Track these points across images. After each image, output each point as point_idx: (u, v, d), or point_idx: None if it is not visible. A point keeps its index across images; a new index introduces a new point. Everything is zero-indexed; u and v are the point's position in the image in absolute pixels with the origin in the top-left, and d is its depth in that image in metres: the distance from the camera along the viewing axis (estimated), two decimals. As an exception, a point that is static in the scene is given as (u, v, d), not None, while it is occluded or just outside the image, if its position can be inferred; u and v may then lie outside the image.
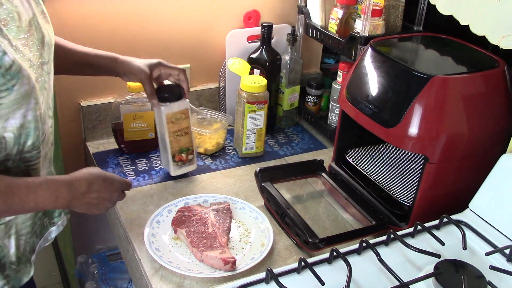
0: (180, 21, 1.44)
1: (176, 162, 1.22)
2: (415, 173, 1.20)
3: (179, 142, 1.20)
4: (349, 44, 1.30)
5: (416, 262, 0.86)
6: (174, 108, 1.16)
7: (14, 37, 0.83)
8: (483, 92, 1.01)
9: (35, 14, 0.90)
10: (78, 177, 0.92)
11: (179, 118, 1.18)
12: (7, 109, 0.82)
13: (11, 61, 0.79)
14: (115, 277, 1.59)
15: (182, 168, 1.24)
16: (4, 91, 0.80)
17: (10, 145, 0.86)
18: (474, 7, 0.96)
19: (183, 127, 1.19)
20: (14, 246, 0.96)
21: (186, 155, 1.23)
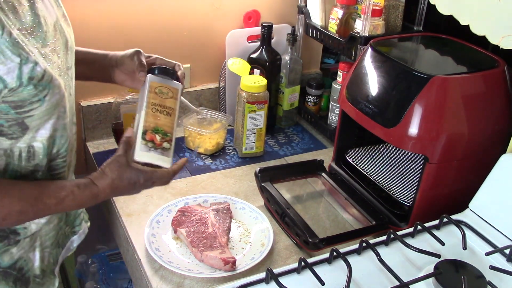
0: (180, 21, 1.44)
1: (145, 142, 0.92)
2: (415, 173, 1.20)
3: (157, 118, 0.95)
4: (349, 44, 1.30)
5: (416, 262, 0.86)
6: (162, 80, 1.00)
7: (43, 44, 0.80)
8: (483, 92, 1.01)
9: (58, 17, 0.88)
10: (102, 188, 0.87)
11: (164, 92, 0.98)
12: (38, 120, 0.81)
13: (42, 71, 0.77)
14: (115, 277, 1.59)
15: (150, 153, 0.92)
16: (36, 102, 0.78)
17: (39, 155, 0.85)
18: (474, 7, 0.96)
19: (166, 105, 0.98)
20: (38, 258, 0.95)
21: (160, 138, 0.94)
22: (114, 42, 1.37)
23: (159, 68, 1.00)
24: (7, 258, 0.89)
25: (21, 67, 0.73)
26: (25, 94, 0.76)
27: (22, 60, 0.73)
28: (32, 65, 0.75)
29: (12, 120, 0.78)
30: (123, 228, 1.13)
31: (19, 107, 0.76)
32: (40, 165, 0.86)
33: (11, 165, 0.83)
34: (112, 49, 1.37)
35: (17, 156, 0.83)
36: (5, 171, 0.83)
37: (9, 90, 0.73)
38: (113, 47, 1.37)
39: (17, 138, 0.80)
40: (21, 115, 0.78)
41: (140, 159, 0.92)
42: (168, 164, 0.95)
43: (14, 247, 0.90)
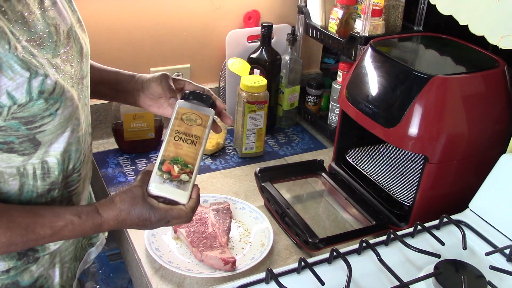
0: (180, 21, 1.44)
1: (161, 172, 0.84)
2: (415, 173, 1.20)
3: (178, 147, 0.86)
4: (349, 44, 1.30)
5: (416, 262, 0.86)
6: (192, 106, 0.90)
7: (54, 54, 0.76)
8: (483, 92, 1.01)
9: (72, 23, 0.83)
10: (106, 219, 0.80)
11: (192, 119, 0.89)
12: (51, 134, 0.76)
13: (53, 83, 0.72)
14: (115, 277, 1.59)
15: (165, 185, 0.83)
16: (47, 116, 0.73)
17: (55, 171, 0.80)
18: (474, 7, 0.96)
19: (192, 133, 0.88)
20: (58, 275, 0.92)
21: (179, 169, 0.85)
22: (114, 42, 1.37)
23: (192, 93, 0.91)
24: (27, 276, 0.86)
25: (31, 81, 0.70)
26: (36, 109, 0.71)
27: (31, 74, 0.69)
28: (42, 78, 0.71)
29: (23, 137, 0.73)
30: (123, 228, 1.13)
31: (30, 122, 0.72)
32: (56, 182, 0.82)
33: (26, 186, 0.79)
34: (112, 50, 1.38)
35: (31, 175, 0.78)
36: (20, 193, 0.79)
37: (18, 106, 0.69)
38: (113, 48, 1.37)
39: (29, 154, 0.76)
40: (32, 131, 0.73)
41: (152, 192, 0.83)
42: (185, 199, 0.84)
43: (34, 265, 0.86)
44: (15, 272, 0.84)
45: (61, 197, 0.84)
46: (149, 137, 1.38)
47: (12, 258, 0.83)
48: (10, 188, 0.78)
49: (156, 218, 0.81)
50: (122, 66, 1.40)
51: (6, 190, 0.78)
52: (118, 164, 1.34)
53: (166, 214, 0.81)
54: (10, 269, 0.83)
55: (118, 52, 1.39)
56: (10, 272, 0.83)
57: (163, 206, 0.81)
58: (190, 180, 0.85)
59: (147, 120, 1.35)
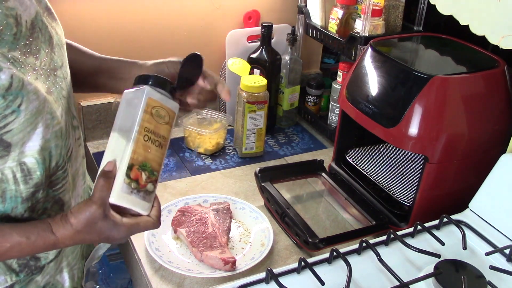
0: (180, 21, 1.44)
1: (129, 180, 0.73)
2: (415, 173, 1.20)
3: (147, 150, 0.74)
4: (349, 44, 1.30)
5: (416, 262, 0.86)
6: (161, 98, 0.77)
7: (10, 47, 0.69)
8: (483, 92, 1.01)
9: (38, 12, 0.76)
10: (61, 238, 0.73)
11: (161, 116, 0.76)
12: (20, 133, 0.70)
13: (9, 78, 0.66)
14: (115, 277, 1.59)
15: (132, 196, 0.74)
16: (10, 115, 0.67)
17: (36, 171, 0.74)
18: (474, 7, 0.96)
19: (160, 133, 0.76)
20: (68, 279, 0.88)
21: (146, 177, 0.75)
22: (114, 42, 1.37)
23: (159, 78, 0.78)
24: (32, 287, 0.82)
25: None
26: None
27: None
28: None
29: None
30: (123, 228, 1.13)
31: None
32: (40, 183, 0.76)
33: (8, 192, 0.73)
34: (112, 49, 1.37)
35: (11, 180, 0.72)
36: (3, 200, 0.73)
37: None
38: (112, 47, 1.37)
39: (2, 157, 0.70)
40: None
41: (117, 202, 0.73)
42: (147, 210, 0.75)
43: (39, 275, 0.82)
44: (20, 286, 0.80)
45: (46, 197, 0.79)
46: (149, 137, 1.37)
47: (13, 271, 0.78)
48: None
49: (121, 235, 0.74)
50: (122, 66, 1.40)
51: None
52: (118, 164, 1.34)
53: (132, 229, 0.75)
54: (14, 284, 0.79)
55: (118, 52, 1.38)
56: (15, 287, 0.79)
57: (127, 222, 0.74)
58: (154, 190, 0.77)
59: (147, 120, 1.35)
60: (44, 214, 0.80)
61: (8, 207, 0.74)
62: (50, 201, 0.80)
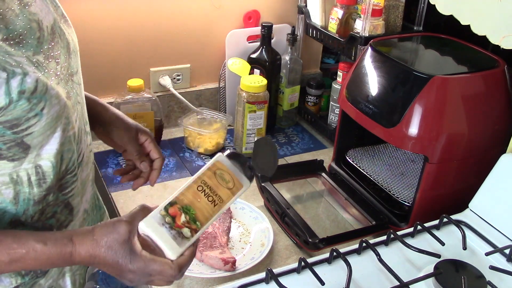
0: (180, 21, 1.44)
1: (165, 214, 0.73)
2: (415, 173, 1.20)
3: (197, 199, 0.76)
4: (349, 44, 1.30)
5: (416, 262, 0.86)
6: (230, 167, 0.80)
7: (35, 51, 0.71)
8: (483, 92, 1.01)
9: (56, 19, 0.78)
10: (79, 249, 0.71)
11: (225, 180, 0.78)
12: (40, 136, 0.71)
13: (34, 81, 0.67)
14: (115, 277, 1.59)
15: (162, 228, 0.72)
16: (32, 118, 0.68)
17: (50, 175, 0.75)
18: (475, 7, 0.96)
19: (218, 193, 0.77)
20: (70, 284, 0.89)
21: (186, 220, 0.74)
22: (114, 42, 1.37)
23: (238, 155, 0.82)
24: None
25: (9, 81, 0.65)
26: (19, 111, 0.67)
27: (8, 75, 0.65)
28: (20, 77, 0.66)
29: (10, 142, 0.68)
30: (123, 228, 1.13)
31: (14, 126, 0.67)
32: (52, 186, 0.77)
33: (21, 194, 0.74)
34: (112, 50, 1.38)
35: (26, 182, 0.73)
36: (16, 202, 0.74)
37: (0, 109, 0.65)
38: (112, 47, 1.37)
39: (20, 159, 0.71)
40: (19, 135, 0.68)
41: (144, 228, 0.72)
42: (175, 255, 0.72)
43: (43, 279, 0.83)
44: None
45: (56, 201, 0.79)
46: (149, 137, 1.37)
47: (18, 274, 0.79)
48: (4, 198, 0.73)
49: (133, 267, 0.70)
50: (122, 66, 1.41)
51: (1, 201, 0.73)
52: (118, 164, 1.34)
53: (146, 265, 0.71)
54: (18, 286, 0.80)
55: (118, 52, 1.39)
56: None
57: (145, 255, 0.71)
58: (191, 239, 0.74)
59: (147, 120, 1.35)
60: (53, 218, 0.80)
61: (20, 210, 0.75)
62: (60, 205, 0.80)
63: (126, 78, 1.35)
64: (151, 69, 1.46)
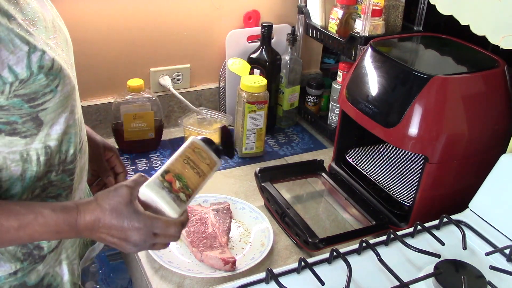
0: (180, 21, 1.44)
1: (163, 180, 0.80)
2: (415, 173, 1.20)
3: (185, 169, 0.84)
4: (349, 44, 1.30)
5: (416, 262, 0.86)
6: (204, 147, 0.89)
7: (46, 36, 0.76)
8: (483, 92, 1.01)
9: (54, 16, 0.84)
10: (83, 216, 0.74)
11: (203, 157, 0.87)
12: (53, 113, 0.75)
13: (51, 59, 0.72)
14: (115, 277, 1.59)
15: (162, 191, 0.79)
16: (48, 93, 0.73)
17: (54, 154, 0.79)
18: (475, 7, 0.96)
19: (200, 166, 0.86)
20: (67, 272, 0.89)
21: (181, 186, 0.81)
22: (114, 42, 1.37)
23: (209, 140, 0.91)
24: (33, 276, 0.84)
25: (30, 55, 0.70)
26: (37, 85, 0.71)
27: (30, 49, 0.70)
28: (40, 53, 0.71)
29: (26, 115, 0.73)
30: (123, 228, 1.13)
31: (32, 100, 0.72)
32: (53, 164, 0.80)
33: (29, 172, 0.77)
34: (112, 50, 1.38)
35: (35, 161, 0.77)
36: (22, 178, 0.77)
37: (20, 82, 0.69)
38: (112, 47, 1.37)
39: (32, 136, 0.75)
40: (35, 109, 0.73)
41: (147, 192, 0.77)
42: (175, 213, 0.78)
43: (40, 264, 0.84)
44: (23, 273, 0.83)
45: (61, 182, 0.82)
46: (149, 137, 1.38)
47: (18, 259, 0.81)
48: (12, 174, 0.76)
49: (139, 225, 0.73)
50: (122, 66, 1.41)
51: (8, 177, 0.76)
52: (118, 164, 1.34)
53: (152, 223, 0.74)
54: (17, 270, 0.82)
55: (118, 52, 1.39)
56: (18, 274, 0.82)
57: (149, 213, 0.75)
58: (187, 202, 0.81)
59: (147, 120, 1.35)
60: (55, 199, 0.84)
61: (25, 187, 0.78)
62: (66, 188, 0.84)
63: (126, 78, 1.35)
64: (151, 69, 1.46)
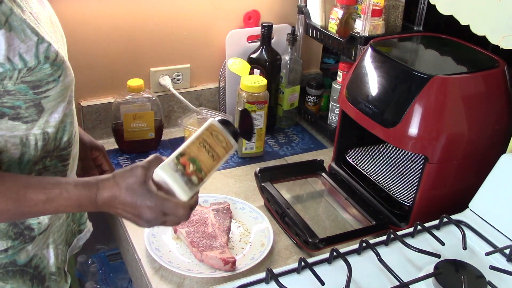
0: (180, 21, 1.43)
1: (177, 162, 0.83)
2: (415, 173, 1.20)
3: (200, 152, 0.86)
4: (349, 44, 1.30)
5: (416, 262, 0.86)
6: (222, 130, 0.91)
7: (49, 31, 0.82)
8: (483, 92, 1.01)
9: (50, 13, 0.89)
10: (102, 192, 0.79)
11: (220, 140, 0.90)
12: (54, 101, 0.80)
13: (56, 51, 0.77)
14: (115, 277, 1.59)
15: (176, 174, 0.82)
16: (51, 82, 0.78)
17: (50, 140, 0.84)
18: (475, 7, 0.96)
19: (215, 150, 0.89)
20: (53, 256, 0.94)
21: (194, 169, 0.84)
22: (114, 42, 1.37)
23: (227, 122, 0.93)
24: (23, 255, 0.88)
25: (38, 45, 0.75)
26: (42, 74, 0.76)
27: (39, 39, 0.75)
28: (47, 44, 0.76)
29: (30, 101, 0.77)
30: (123, 228, 1.13)
31: (36, 87, 0.77)
32: (49, 149, 0.84)
33: (26, 156, 0.82)
34: (112, 50, 1.38)
35: (33, 146, 0.82)
36: (20, 161, 0.82)
37: (27, 70, 0.74)
38: (113, 47, 1.37)
39: (32, 121, 0.79)
40: (39, 96, 0.78)
41: (161, 173, 0.81)
42: (186, 197, 0.82)
43: (30, 245, 0.89)
44: (13, 252, 0.87)
45: (55, 168, 0.87)
46: (149, 137, 1.38)
47: (9, 237, 0.85)
48: (11, 157, 0.81)
49: (151, 203, 0.78)
50: (122, 66, 1.41)
51: (8, 159, 0.81)
52: (118, 164, 1.34)
53: (162, 203, 0.78)
54: (8, 248, 0.86)
55: (118, 52, 1.39)
56: (8, 252, 0.86)
57: (161, 194, 0.79)
58: (198, 185, 0.84)
59: (147, 120, 1.35)
60: None
61: (22, 170, 0.83)
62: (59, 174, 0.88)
63: (126, 78, 1.35)
64: (151, 69, 1.46)
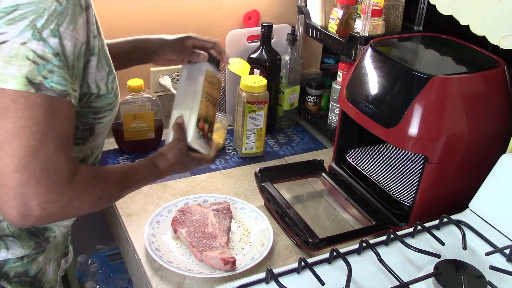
0: (180, 21, 1.43)
1: (198, 129, 0.98)
2: (415, 173, 1.20)
3: (207, 108, 1.00)
4: (349, 44, 1.30)
5: (416, 262, 0.86)
6: (214, 70, 1.03)
7: None
8: (483, 92, 1.01)
9: None
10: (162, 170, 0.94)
11: (214, 83, 1.02)
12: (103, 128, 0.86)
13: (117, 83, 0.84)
14: (115, 277, 1.59)
15: (200, 141, 0.99)
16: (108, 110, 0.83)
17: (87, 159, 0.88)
18: (474, 7, 0.96)
19: (214, 95, 1.03)
20: (52, 271, 0.95)
21: (208, 127, 1.01)
22: (114, 42, 1.37)
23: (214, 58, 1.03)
24: (34, 266, 0.89)
25: (108, 76, 0.80)
26: (105, 102, 0.81)
27: (110, 70, 0.80)
28: (113, 76, 0.81)
29: (87, 125, 0.82)
30: (123, 228, 1.13)
31: (97, 113, 0.81)
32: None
33: None
34: (112, 49, 1.37)
35: None
36: None
37: (96, 96, 0.79)
38: (113, 47, 1.37)
39: (81, 145, 0.84)
40: (96, 121, 0.82)
41: (192, 145, 0.98)
42: (208, 152, 1.02)
43: (41, 256, 0.89)
44: (28, 260, 0.87)
45: None
46: (149, 137, 1.38)
47: (29, 246, 0.86)
48: None
49: (194, 164, 0.99)
50: (122, 66, 1.40)
51: None
52: (118, 164, 1.34)
53: (200, 161, 1.00)
54: (24, 256, 0.86)
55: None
56: (24, 260, 0.86)
57: (198, 156, 0.99)
58: (212, 137, 1.04)
59: (147, 120, 1.35)
60: None
61: None
62: None
63: (126, 78, 1.35)
64: (151, 69, 1.46)
